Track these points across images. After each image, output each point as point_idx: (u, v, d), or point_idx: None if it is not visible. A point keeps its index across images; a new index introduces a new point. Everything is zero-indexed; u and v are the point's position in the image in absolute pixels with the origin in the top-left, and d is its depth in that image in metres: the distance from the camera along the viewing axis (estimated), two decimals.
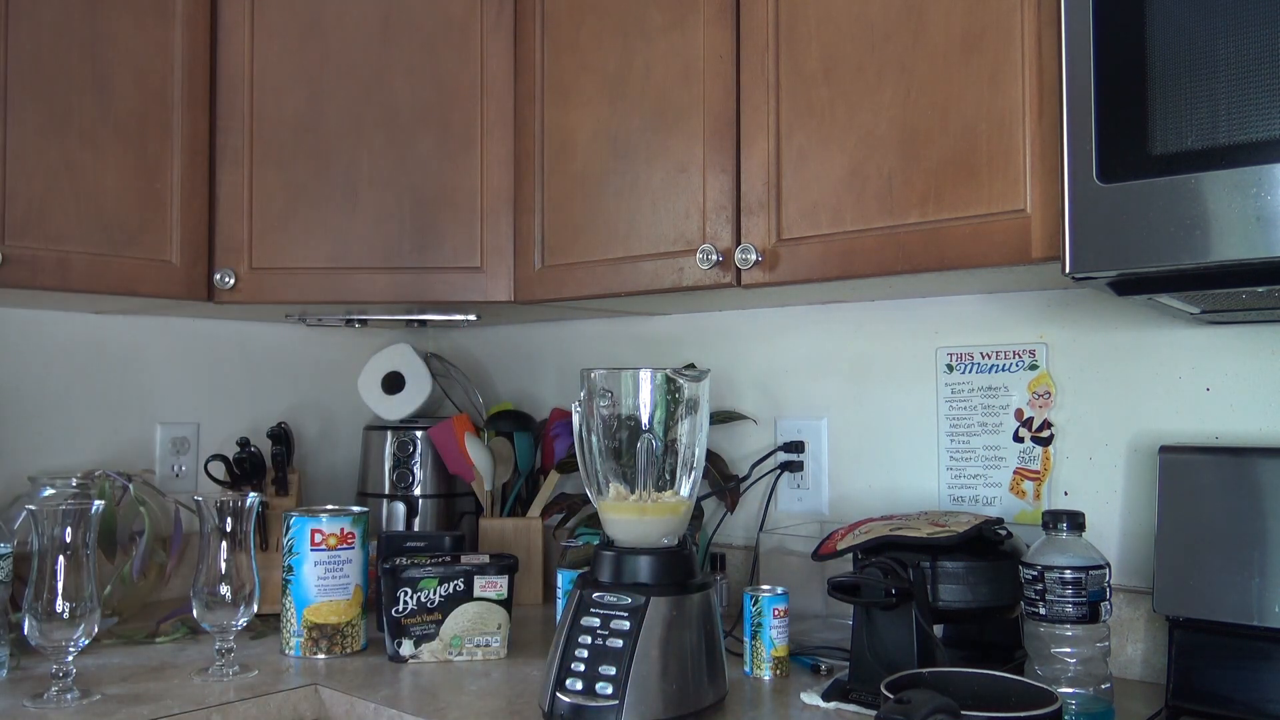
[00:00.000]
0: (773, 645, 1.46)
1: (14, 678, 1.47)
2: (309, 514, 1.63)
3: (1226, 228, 0.97)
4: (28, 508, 1.43)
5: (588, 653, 1.25)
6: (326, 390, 2.34)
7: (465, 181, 1.79)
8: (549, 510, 1.97)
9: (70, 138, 1.59)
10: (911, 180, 1.32)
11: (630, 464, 1.35)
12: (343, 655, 1.60)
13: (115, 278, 1.65)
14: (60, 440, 1.93)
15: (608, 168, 1.65)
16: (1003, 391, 1.61)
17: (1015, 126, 1.23)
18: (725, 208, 1.50)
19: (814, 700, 1.34)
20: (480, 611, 1.58)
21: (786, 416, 1.87)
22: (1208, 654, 1.29)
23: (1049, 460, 1.56)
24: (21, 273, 1.55)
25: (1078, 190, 1.06)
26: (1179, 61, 1.00)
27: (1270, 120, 0.95)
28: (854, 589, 1.31)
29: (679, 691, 1.24)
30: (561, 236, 1.72)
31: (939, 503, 1.67)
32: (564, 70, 1.72)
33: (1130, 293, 1.09)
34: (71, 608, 1.37)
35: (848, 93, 1.38)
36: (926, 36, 1.31)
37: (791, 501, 1.85)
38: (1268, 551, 1.25)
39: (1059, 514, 1.28)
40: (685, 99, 1.56)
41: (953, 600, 1.33)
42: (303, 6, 1.79)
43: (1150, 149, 1.01)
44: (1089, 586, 1.23)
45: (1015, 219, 1.23)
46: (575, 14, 1.71)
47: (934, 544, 1.32)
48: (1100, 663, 1.25)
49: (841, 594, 1.32)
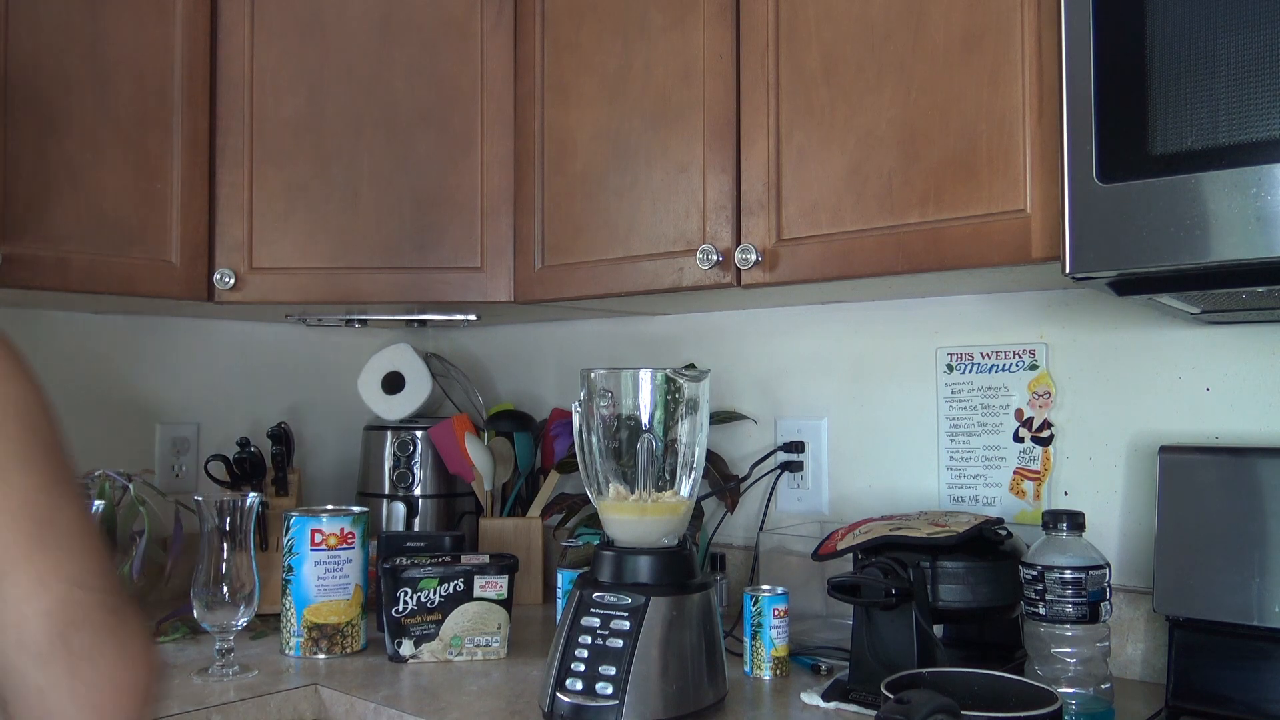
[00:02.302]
0: (773, 645, 1.46)
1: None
2: (309, 514, 1.63)
3: (1226, 228, 0.97)
4: None
5: (588, 653, 1.25)
6: (326, 390, 2.34)
7: (465, 181, 1.79)
8: (549, 510, 1.97)
9: (70, 138, 1.59)
10: (911, 180, 1.32)
11: (630, 464, 1.35)
12: (343, 655, 1.60)
13: (115, 278, 1.65)
14: None
15: (608, 167, 1.65)
16: (1003, 391, 1.61)
17: (1015, 126, 1.23)
18: (725, 208, 1.50)
19: (814, 700, 1.34)
20: (480, 611, 1.58)
21: (786, 416, 1.87)
22: (1208, 654, 1.29)
23: (1049, 460, 1.56)
24: (21, 273, 1.55)
25: (1078, 190, 1.06)
26: (1179, 61, 1.00)
27: (1270, 120, 0.95)
28: (854, 589, 1.31)
29: (679, 691, 1.24)
30: (562, 236, 1.72)
31: (939, 503, 1.67)
32: (564, 70, 1.72)
33: (1130, 293, 1.09)
34: None
35: (848, 93, 1.38)
36: (926, 36, 1.31)
37: (791, 501, 1.85)
38: (1268, 551, 1.25)
39: (1059, 514, 1.28)
40: (685, 99, 1.55)
41: (953, 600, 1.33)
42: (302, 6, 1.79)
43: (1150, 149, 1.01)
44: (1089, 586, 1.23)
45: (1015, 219, 1.23)
46: (575, 14, 1.71)
47: (934, 544, 1.32)
48: (1100, 663, 1.25)
49: (841, 594, 1.32)
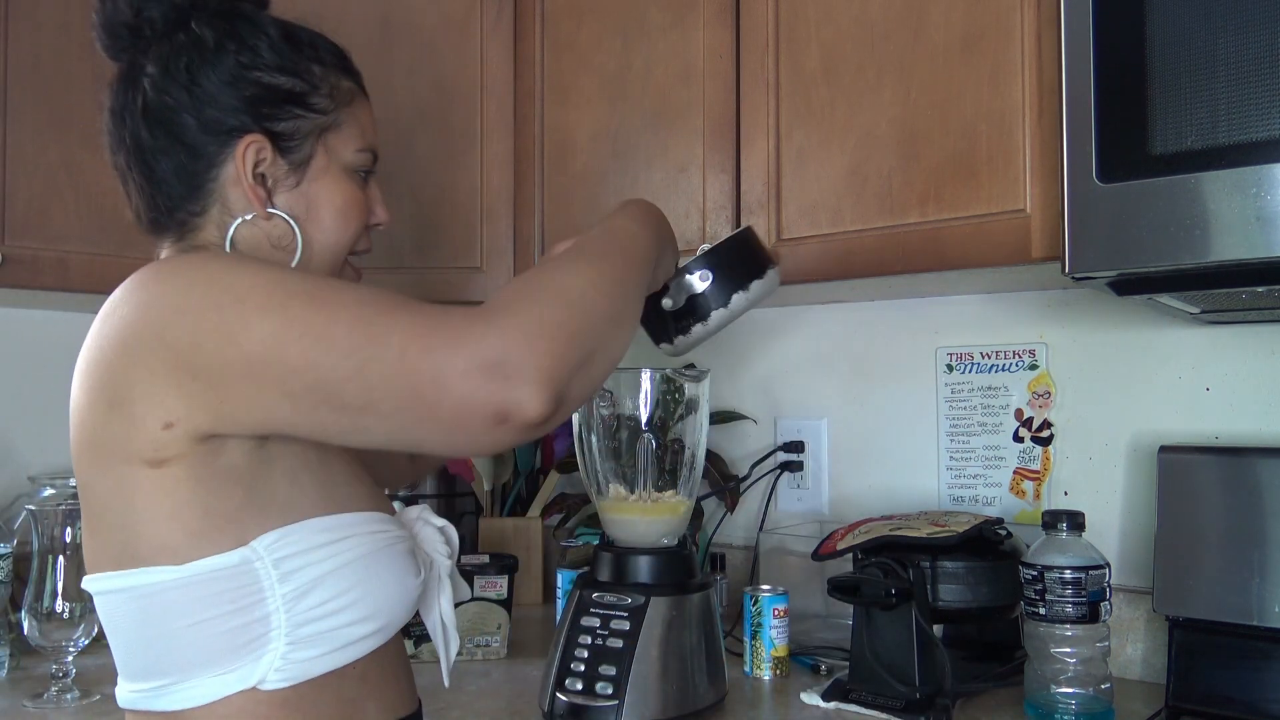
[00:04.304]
0: (773, 645, 1.46)
1: (14, 678, 1.47)
2: None
3: (1226, 228, 0.97)
4: (27, 508, 1.43)
5: (587, 653, 1.25)
6: None
7: (465, 181, 1.79)
8: (549, 510, 1.97)
9: (70, 138, 1.58)
10: (911, 180, 1.32)
11: (630, 464, 1.35)
12: None
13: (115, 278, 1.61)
14: (60, 440, 1.92)
15: (607, 167, 1.65)
16: (1003, 391, 1.60)
17: (1015, 126, 1.23)
18: (725, 208, 1.50)
19: (814, 700, 1.33)
20: (480, 611, 1.58)
21: (786, 416, 1.87)
22: (1208, 654, 1.28)
23: (1049, 460, 1.56)
24: (21, 273, 1.55)
25: (1077, 190, 1.06)
26: (1179, 61, 1.00)
27: (1270, 120, 0.95)
28: (854, 589, 1.31)
29: (679, 691, 1.24)
30: (561, 236, 1.71)
31: (939, 503, 1.67)
32: (564, 70, 1.72)
33: (1130, 293, 1.09)
34: (71, 608, 1.37)
35: (848, 93, 1.38)
36: (926, 36, 1.31)
37: (791, 501, 1.85)
38: (1268, 551, 1.25)
39: (1059, 514, 1.28)
40: (685, 99, 1.55)
41: (953, 600, 1.33)
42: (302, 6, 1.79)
43: (1150, 149, 1.01)
44: (1089, 586, 1.23)
45: (1015, 219, 1.23)
46: (575, 14, 1.71)
47: (934, 544, 1.32)
48: (1100, 663, 1.25)
49: (841, 594, 1.32)
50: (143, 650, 0.79)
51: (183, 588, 0.75)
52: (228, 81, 0.86)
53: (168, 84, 0.86)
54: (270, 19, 0.91)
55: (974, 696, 1.34)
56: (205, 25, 0.87)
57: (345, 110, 0.92)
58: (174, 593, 0.75)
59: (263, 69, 0.87)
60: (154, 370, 0.73)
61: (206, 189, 0.87)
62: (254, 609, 0.76)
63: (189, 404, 0.73)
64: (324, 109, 0.90)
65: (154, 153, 0.87)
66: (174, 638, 0.76)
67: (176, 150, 0.87)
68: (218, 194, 0.87)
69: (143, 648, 0.79)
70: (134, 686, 0.80)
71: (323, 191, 0.90)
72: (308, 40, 0.92)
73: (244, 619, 0.76)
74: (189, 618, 0.76)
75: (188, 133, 0.86)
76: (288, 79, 0.88)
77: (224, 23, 0.87)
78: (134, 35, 0.87)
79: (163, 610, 0.76)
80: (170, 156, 0.87)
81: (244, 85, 0.86)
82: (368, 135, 0.95)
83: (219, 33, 0.87)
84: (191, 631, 0.76)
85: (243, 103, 0.86)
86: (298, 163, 0.89)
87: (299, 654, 0.78)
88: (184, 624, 0.76)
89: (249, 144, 0.86)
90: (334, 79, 0.92)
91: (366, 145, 0.94)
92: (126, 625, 0.79)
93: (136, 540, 0.76)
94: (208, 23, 0.87)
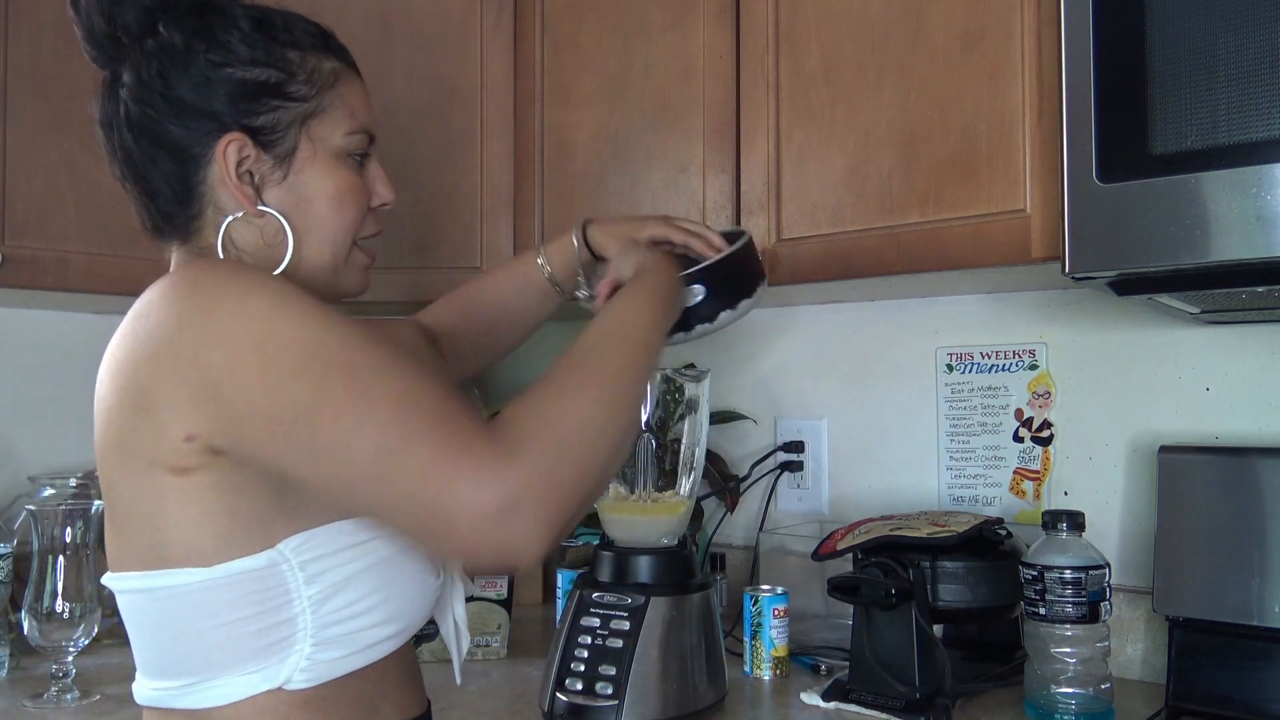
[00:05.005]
0: (773, 645, 1.46)
1: (14, 678, 1.47)
2: None
3: (1226, 228, 0.97)
4: (27, 508, 1.43)
5: (587, 653, 1.25)
6: None
7: (465, 181, 1.79)
8: None
9: (70, 138, 1.58)
10: (911, 180, 1.32)
11: (630, 464, 1.35)
12: None
13: (115, 278, 1.65)
14: (60, 440, 1.93)
15: (607, 167, 1.65)
16: (1003, 391, 1.60)
17: (1015, 126, 1.23)
18: (725, 208, 1.50)
19: (814, 700, 1.33)
20: (480, 611, 1.57)
21: (786, 416, 1.87)
22: (1208, 654, 1.28)
23: (1049, 460, 1.56)
24: (21, 273, 1.55)
25: (1077, 190, 1.06)
26: (1179, 61, 1.00)
27: (1270, 120, 0.95)
28: (854, 589, 1.31)
29: (679, 691, 1.24)
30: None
31: (939, 503, 1.67)
32: (564, 70, 1.72)
33: (1130, 293, 1.09)
34: (71, 608, 1.37)
35: (848, 93, 1.38)
36: (926, 36, 1.31)
37: (791, 501, 1.85)
38: (1268, 551, 1.25)
39: (1059, 514, 1.28)
40: (685, 99, 1.55)
41: (953, 600, 1.33)
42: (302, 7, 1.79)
43: (1150, 149, 1.01)
44: (1089, 586, 1.23)
45: (1015, 219, 1.23)
46: (575, 14, 1.71)
47: (934, 544, 1.32)
48: (1100, 663, 1.25)
49: (841, 594, 1.32)
50: (167, 648, 0.79)
51: (210, 589, 0.75)
52: (200, 83, 0.84)
53: (144, 93, 0.84)
54: (243, 9, 0.87)
55: (974, 696, 1.34)
56: (174, 27, 0.84)
57: (329, 94, 0.89)
58: (201, 594, 0.76)
59: (235, 64, 0.84)
60: (180, 384, 0.73)
61: (198, 192, 0.86)
62: (280, 610, 0.76)
63: (210, 425, 0.73)
64: (303, 95, 0.87)
65: (143, 162, 0.86)
66: (201, 638, 0.76)
67: (163, 158, 0.85)
68: (209, 196, 0.86)
69: (168, 646, 0.79)
70: (156, 684, 0.80)
71: (313, 181, 0.88)
72: (283, 25, 0.88)
73: (271, 620, 0.76)
74: (216, 619, 0.76)
75: (170, 139, 0.85)
76: (262, 70, 0.85)
77: (194, 20, 0.85)
78: (114, 44, 0.86)
79: (190, 611, 0.76)
80: (159, 164, 0.86)
81: (217, 84, 0.84)
82: (358, 116, 0.91)
83: (187, 33, 0.84)
84: (219, 632, 0.76)
85: (218, 102, 0.84)
86: (282, 155, 0.86)
87: (323, 655, 0.78)
88: (211, 625, 0.76)
89: (228, 143, 0.84)
90: (313, 62, 0.89)
91: (357, 127, 0.91)
92: (151, 624, 0.79)
93: (164, 543, 0.76)
94: (176, 24, 0.84)
